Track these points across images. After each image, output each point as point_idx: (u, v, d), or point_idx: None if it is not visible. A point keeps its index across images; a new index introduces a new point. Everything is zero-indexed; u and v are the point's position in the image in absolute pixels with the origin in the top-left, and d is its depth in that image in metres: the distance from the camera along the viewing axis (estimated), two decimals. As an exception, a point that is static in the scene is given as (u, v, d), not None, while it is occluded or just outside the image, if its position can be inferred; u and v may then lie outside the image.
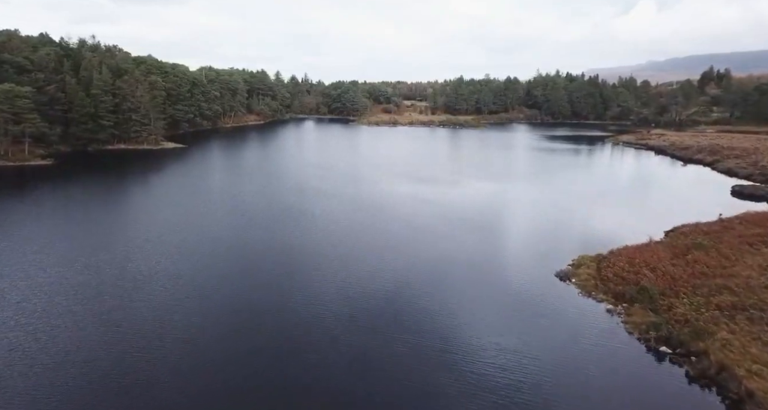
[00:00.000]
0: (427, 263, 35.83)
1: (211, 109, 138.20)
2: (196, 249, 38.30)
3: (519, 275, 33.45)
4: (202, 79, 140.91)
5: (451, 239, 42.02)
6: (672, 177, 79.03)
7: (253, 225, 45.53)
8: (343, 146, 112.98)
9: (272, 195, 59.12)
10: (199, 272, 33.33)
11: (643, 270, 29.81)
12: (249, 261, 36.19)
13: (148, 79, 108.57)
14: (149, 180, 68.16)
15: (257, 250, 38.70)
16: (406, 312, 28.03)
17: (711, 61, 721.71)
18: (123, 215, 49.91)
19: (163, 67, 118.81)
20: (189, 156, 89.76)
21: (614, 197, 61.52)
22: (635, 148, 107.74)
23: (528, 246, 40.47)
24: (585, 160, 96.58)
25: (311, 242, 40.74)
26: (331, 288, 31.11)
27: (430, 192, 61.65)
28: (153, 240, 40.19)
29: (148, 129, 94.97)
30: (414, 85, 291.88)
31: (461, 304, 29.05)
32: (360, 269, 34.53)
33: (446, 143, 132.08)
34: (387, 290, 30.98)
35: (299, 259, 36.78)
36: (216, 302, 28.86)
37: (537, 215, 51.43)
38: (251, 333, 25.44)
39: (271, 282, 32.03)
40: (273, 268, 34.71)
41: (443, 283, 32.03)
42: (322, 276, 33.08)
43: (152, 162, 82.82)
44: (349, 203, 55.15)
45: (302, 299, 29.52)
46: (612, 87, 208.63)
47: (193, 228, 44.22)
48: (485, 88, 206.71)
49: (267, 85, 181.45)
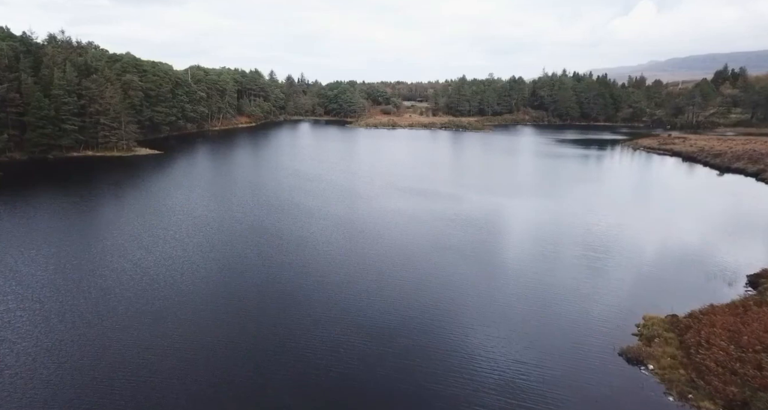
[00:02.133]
0: (428, 336, 25.96)
1: (196, 111, 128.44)
2: (115, 308, 28.45)
3: (567, 354, 23.47)
4: (186, 79, 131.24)
5: (458, 286, 32.24)
6: (715, 191, 68.18)
7: (201, 268, 35.57)
8: (336, 152, 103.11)
9: (243, 217, 49.23)
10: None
11: (765, 358, 19.94)
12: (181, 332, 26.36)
13: (122, 78, 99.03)
14: (103, 194, 58.18)
15: (199, 309, 28.84)
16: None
17: (711, 60, 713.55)
18: (57, 240, 39.99)
19: (141, 66, 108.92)
20: (163, 164, 79.91)
21: (655, 219, 51.57)
22: (659, 154, 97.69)
23: (564, 297, 30.57)
24: (605, 169, 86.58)
25: (280, 292, 30.90)
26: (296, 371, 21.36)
27: (432, 212, 51.86)
28: (75, 283, 30.36)
29: (118, 134, 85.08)
30: (414, 86, 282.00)
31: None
32: (347, 350, 24.67)
33: (448, 148, 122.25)
34: (377, 390, 21.17)
35: (259, 318, 26.98)
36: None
37: (565, 246, 41.58)
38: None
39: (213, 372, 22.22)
40: (214, 342, 24.90)
41: (455, 376, 22.01)
42: (288, 345, 23.32)
43: (117, 172, 72.95)
44: (337, 229, 45.32)
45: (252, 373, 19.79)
46: (621, 87, 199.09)
47: (126, 267, 34.35)
48: (489, 89, 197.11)
49: (259, 85, 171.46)
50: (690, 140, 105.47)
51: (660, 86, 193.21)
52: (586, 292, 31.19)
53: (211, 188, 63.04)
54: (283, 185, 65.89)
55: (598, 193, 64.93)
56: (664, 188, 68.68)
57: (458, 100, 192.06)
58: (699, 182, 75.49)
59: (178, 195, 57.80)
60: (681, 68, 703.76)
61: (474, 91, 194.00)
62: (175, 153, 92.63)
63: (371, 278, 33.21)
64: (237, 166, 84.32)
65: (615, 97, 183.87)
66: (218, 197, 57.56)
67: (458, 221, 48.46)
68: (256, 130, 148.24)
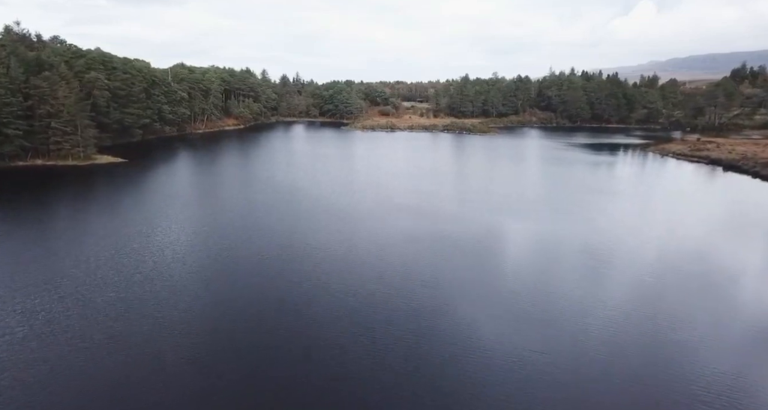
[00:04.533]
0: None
1: (175, 112, 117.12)
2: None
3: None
4: (165, 78, 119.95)
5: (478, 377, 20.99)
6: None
7: (120, 332, 24.29)
8: (328, 159, 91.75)
9: (199, 251, 37.89)
10: None
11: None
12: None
13: (86, 76, 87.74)
14: (22, 217, 46.82)
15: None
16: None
17: (711, 60, 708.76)
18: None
19: (110, 62, 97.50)
20: (123, 175, 68.60)
21: (729, 256, 40.35)
22: (692, 161, 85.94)
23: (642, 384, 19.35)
24: (636, 180, 75.01)
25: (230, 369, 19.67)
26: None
27: (433, 239, 40.63)
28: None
29: (72, 140, 73.67)
30: (414, 86, 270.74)
31: None
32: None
33: (452, 153, 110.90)
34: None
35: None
36: None
37: (617, 297, 30.37)
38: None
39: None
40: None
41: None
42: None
43: (60, 186, 61.63)
44: (317, 271, 34.00)
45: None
46: (633, 86, 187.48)
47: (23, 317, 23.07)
48: (493, 89, 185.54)
49: (248, 84, 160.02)
50: (724, 145, 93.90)
51: (675, 85, 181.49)
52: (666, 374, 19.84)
53: (172, 209, 51.61)
54: (256, 201, 54.50)
55: (638, 213, 53.54)
56: (730, 211, 56.34)
57: (461, 101, 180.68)
58: (754, 197, 63.93)
59: (128, 218, 46.38)
60: (681, 68, 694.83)
61: (477, 91, 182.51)
62: (143, 161, 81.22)
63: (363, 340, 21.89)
64: (211, 177, 72.98)
65: (628, 98, 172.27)
66: (178, 221, 46.17)
67: (466, 253, 37.08)
68: (244, 133, 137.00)
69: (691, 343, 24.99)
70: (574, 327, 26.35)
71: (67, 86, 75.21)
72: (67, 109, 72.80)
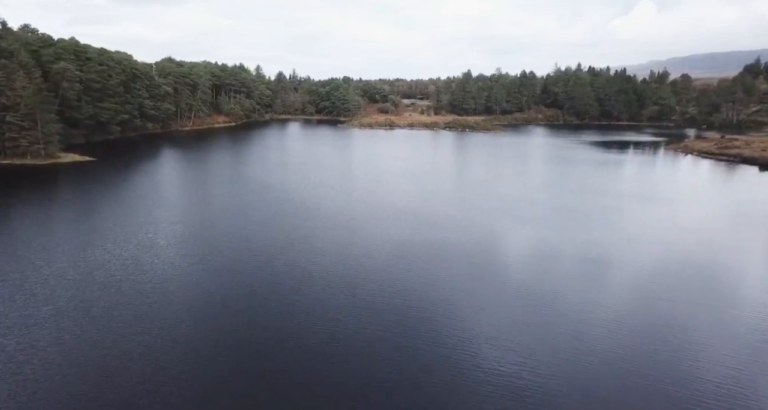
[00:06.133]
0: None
1: (158, 108, 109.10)
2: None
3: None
4: (149, 71, 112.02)
5: None
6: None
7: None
8: (322, 159, 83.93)
9: (151, 279, 30.05)
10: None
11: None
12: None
13: (54, 67, 79.95)
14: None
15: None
16: None
17: (710, 60, 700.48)
18: None
19: (83, 53, 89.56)
20: (84, 176, 60.75)
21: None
22: (721, 160, 77.95)
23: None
24: (664, 181, 67.12)
25: None
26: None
27: (439, 255, 32.82)
28: None
29: (31, 136, 65.74)
30: (414, 83, 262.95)
31: None
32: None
33: (454, 152, 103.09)
34: None
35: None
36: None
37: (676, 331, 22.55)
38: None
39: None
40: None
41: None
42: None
43: (8, 188, 53.61)
44: (301, 295, 26.21)
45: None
46: (642, 82, 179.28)
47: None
48: (497, 85, 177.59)
49: (240, 80, 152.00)
50: (755, 142, 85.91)
51: (688, 81, 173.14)
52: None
53: (131, 219, 43.69)
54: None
55: (696, 227, 45.66)
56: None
57: (463, 98, 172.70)
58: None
59: (69, 232, 38.45)
60: (683, 67, 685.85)
61: (480, 88, 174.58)
62: (113, 160, 73.36)
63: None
64: (186, 181, 65.05)
65: (639, 94, 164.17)
66: (135, 236, 38.25)
67: (478, 272, 29.22)
68: (235, 131, 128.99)
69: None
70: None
71: (27, 76, 67.34)
72: (24, 101, 64.89)
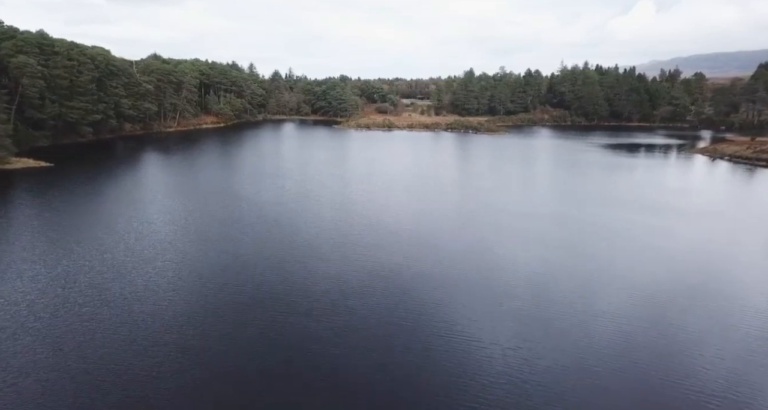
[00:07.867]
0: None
1: (137, 107, 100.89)
2: None
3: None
4: (127, 68, 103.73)
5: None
6: None
7: None
8: (314, 165, 75.73)
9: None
10: None
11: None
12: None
13: (12, 60, 71.85)
14: None
15: None
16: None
17: (713, 60, 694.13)
18: None
19: (49, 47, 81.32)
20: (29, 186, 52.49)
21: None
22: (760, 167, 69.64)
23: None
24: (700, 191, 59.04)
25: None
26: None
27: (445, 287, 24.62)
28: None
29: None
30: (414, 82, 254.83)
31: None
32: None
33: (457, 156, 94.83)
34: None
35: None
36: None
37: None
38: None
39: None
40: None
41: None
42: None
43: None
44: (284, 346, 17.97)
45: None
46: (652, 81, 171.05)
47: None
48: (500, 84, 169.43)
49: (230, 78, 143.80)
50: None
51: (702, 80, 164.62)
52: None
53: (71, 240, 35.44)
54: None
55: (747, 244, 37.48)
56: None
57: (465, 97, 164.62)
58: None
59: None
60: (685, 67, 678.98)
61: (483, 87, 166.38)
62: (75, 166, 65.17)
63: None
64: (154, 194, 56.73)
65: (651, 93, 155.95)
66: (78, 255, 30.01)
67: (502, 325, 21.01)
68: (223, 132, 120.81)
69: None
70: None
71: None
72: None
